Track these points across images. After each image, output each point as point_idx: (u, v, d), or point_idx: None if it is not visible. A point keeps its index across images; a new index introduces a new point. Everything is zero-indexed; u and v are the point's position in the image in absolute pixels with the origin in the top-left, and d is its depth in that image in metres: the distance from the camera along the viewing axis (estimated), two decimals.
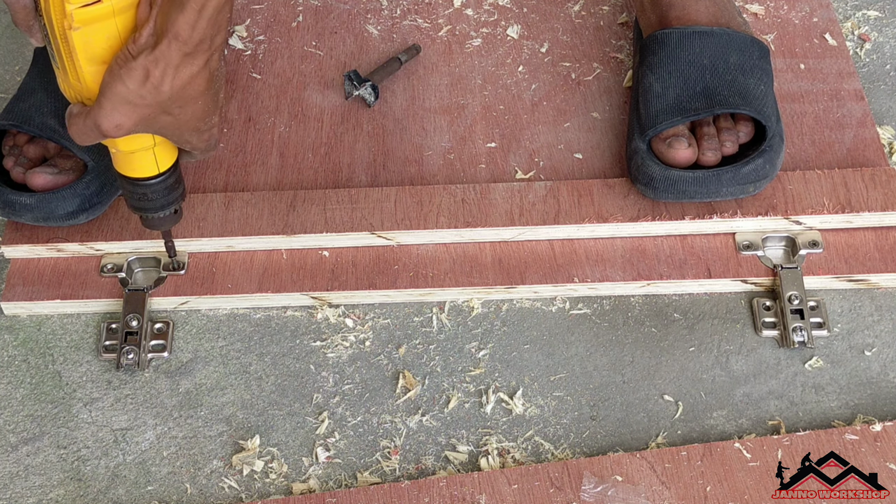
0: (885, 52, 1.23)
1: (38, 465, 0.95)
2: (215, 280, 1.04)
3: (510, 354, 1.00)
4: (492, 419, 0.96)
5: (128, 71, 0.81)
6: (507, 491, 0.90)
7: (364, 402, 0.98)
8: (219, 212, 1.06)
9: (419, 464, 0.94)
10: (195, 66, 0.82)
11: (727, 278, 1.03)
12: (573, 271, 1.03)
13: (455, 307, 1.03)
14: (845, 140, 1.12)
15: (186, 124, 0.87)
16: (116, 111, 0.83)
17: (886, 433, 0.92)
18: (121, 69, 0.81)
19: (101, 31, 0.82)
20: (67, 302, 1.03)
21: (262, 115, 1.17)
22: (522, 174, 1.11)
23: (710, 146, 1.02)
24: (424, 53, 1.22)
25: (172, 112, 0.84)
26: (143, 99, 0.82)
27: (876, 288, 1.03)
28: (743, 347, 1.00)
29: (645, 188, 1.03)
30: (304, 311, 1.04)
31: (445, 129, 1.15)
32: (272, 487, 0.93)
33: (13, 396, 0.99)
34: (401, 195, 1.06)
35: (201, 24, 0.80)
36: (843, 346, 1.00)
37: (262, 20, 1.26)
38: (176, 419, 0.97)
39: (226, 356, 1.01)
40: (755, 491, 0.89)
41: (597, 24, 1.25)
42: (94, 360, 1.01)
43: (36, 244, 1.04)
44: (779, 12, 1.24)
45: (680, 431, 0.95)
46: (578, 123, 1.15)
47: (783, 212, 1.03)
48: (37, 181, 1.01)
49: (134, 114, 0.83)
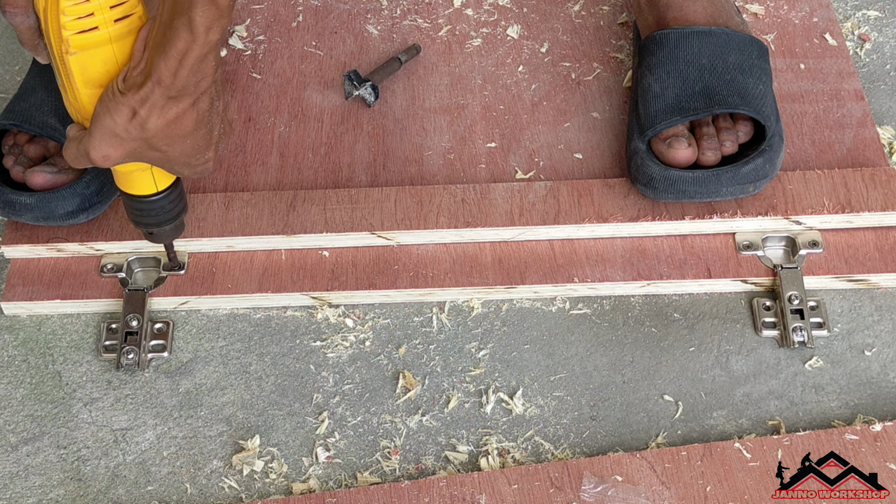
0: (885, 52, 1.23)
1: (38, 465, 0.95)
2: (215, 280, 1.04)
3: (510, 354, 1.00)
4: (492, 419, 0.96)
5: (115, 106, 0.83)
6: (507, 491, 0.90)
7: (364, 402, 0.98)
8: (219, 212, 1.06)
9: (419, 464, 0.94)
10: (181, 108, 0.83)
11: (727, 278, 1.03)
12: (573, 271, 1.03)
13: (455, 307, 1.03)
14: (845, 140, 1.12)
15: (176, 160, 0.88)
16: (104, 142, 0.84)
17: (886, 433, 0.92)
18: (109, 103, 0.83)
19: (97, 56, 0.82)
20: (67, 302, 1.03)
21: (262, 115, 1.17)
22: (522, 174, 1.11)
23: (709, 146, 1.02)
24: (424, 53, 1.22)
25: (160, 149, 0.86)
26: (130, 134, 0.84)
27: (876, 288, 1.03)
28: (743, 347, 1.00)
29: (645, 188, 1.03)
30: (304, 311, 1.04)
31: (445, 129, 1.15)
32: (272, 487, 0.93)
33: (13, 396, 0.99)
34: (401, 195, 1.06)
35: (183, 72, 0.81)
36: (843, 346, 1.00)
37: (262, 20, 1.26)
38: (176, 419, 0.97)
39: (226, 356, 1.01)
40: (755, 491, 0.89)
41: (597, 24, 1.25)
42: (94, 361, 1.01)
43: (36, 244, 1.04)
44: (779, 12, 1.24)
45: (680, 431, 0.95)
46: (578, 123, 1.15)
47: (783, 212, 1.03)
48: (36, 180, 1.01)
49: (121, 147, 0.85)
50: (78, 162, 0.87)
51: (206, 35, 0.79)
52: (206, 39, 0.80)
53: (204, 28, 0.79)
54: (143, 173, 0.91)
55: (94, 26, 0.81)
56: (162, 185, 0.92)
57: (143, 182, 0.91)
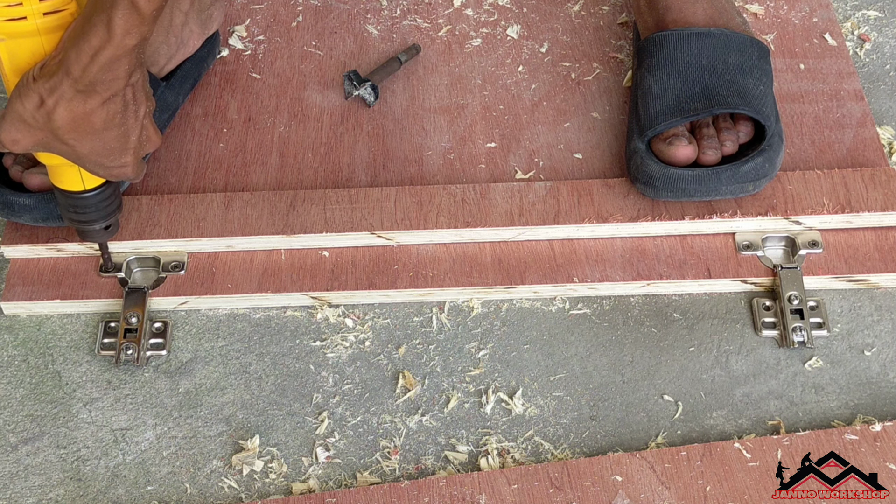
0: (885, 52, 1.23)
1: (38, 465, 0.95)
2: (215, 280, 1.04)
3: (510, 354, 1.00)
4: (491, 419, 0.96)
5: (26, 92, 0.84)
6: (507, 491, 0.90)
7: (364, 402, 0.98)
8: (219, 212, 1.06)
9: (419, 464, 0.94)
10: (90, 105, 0.84)
11: (727, 278, 1.03)
12: (573, 271, 1.03)
13: (455, 307, 1.03)
14: (845, 140, 1.12)
15: (87, 157, 0.88)
16: (14, 127, 0.86)
17: (886, 433, 0.92)
18: (22, 88, 0.84)
19: (25, 46, 0.84)
20: (67, 302, 1.03)
21: (262, 115, 1.17)
22: (522, 174, 1.11)
23: (709, 146, 1.02)
24: (424, 53, 1.22)
25: (67, 142, 0.86)
26: (37, 122, 0.85)
27: (876, 288, 1.03)
28: (743, 347, 1.00)
29: (644, 187, 1.03)
30: (304, 311, 1.04)
31: (445, 129, 1.15)
32: (272, 487, 0.93)
33: (13, 396, 0.99)
34: (401, 195, 1.06)
35: (93, 68, 0.81)
36: (843, 346, 1.00)
37: (262, 20, 1.26)
38: (176, 419, 0.97)
39: (226, 356, 1.01)
40: (755, 491, 0.89)
41: (597, 24, 1.25)
42: (93, 360, 1.01)
43: (36, 244, 1.04)
44: (779, 12, 1.24)
45: (680, 431, 0.95)
46: (578, 123, 1.15)
47: (783, 212, 1.03)
48: (33, 181, 1.01)
49: (29, 134, 0.86)
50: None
51: (122, 37, 0.80)
52: (121, 42, 0.80)
53: (121, 31, 0.79)
54: (71, 169, 0.92)
55: (22, 16, 0.83)
56: (90, 184, 0.94)
57: (71, 178, 0.93)
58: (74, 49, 0.81)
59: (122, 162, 0.90)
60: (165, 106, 1.11)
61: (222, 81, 1.20)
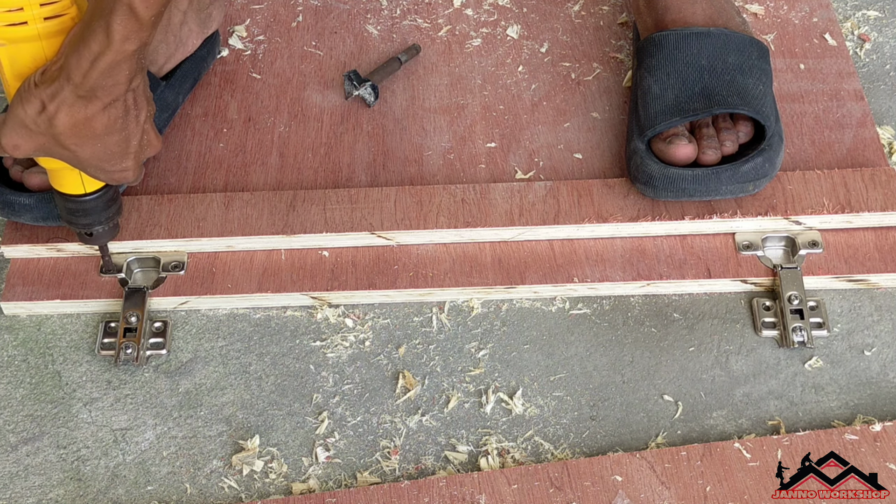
0: (885, 52, 1.23)
1: (38, 465, 0.95)
2: (215, 280, 1.04)
3: (510, 354, 1.00)
4: (491, 419, 0.96)
5: (28, 97, 0.84)
6: (507, 491, 0.90)
7: (364, 402, 0.98)
8: (219, 212, 1.06)
9: (419, 464, 0.94)
10: (91, 110, 0.84)
11: (727, 278, 1.03)
12: (573, 271, 1.03)
13: (455, 307, 1.03)
14: (845, 140, 1.12)
15: (88, 162, 0.88)
16: (14, 132, 0.86)
17: (886, 433, 0.92)
18: (23, 94, 0.84)
19: (26, 51, 0.84)
20: (67, 302, 1.03)
21: (262, 115, 1.17)
22: (522, 174, 1.11)
23: (709, 145, 1.02)
24: (424, 53, 1.22)
25: (69, 147, 0.87)
26: (39, 127, 0.85)
27: (876, 288, 1.03)
28: (743, 347, 1.00)
29: (644, 187, 1.03)
30: (304, 311, 1.04)
31: (445, 129, 1.15)
32: (272, 487, 0.93)
33: (13, 396, 0.99)
34: (401, 195, 1.06)
35: (93, 74, 0.82)
36: (843, 346, 1.00)
37: (262, 20, 1.26)
38: (176, 419, 0.97)
39: (225, 356, 1.01)
40: (755, 491, 0.89)
41: (597, 24, 1.25)
42: (93, 360, 1.01)
43: (36, 244, 1.04)
44: (779, 12, 1.24)
45: (680, 431, 0.95)
46: (578, 123, 1.15)
47: (783, 212, 1.03)
48: (33, 181, 1.01)
49: (31, 139, 0.86)
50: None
51: (121, 43, 0.80)
52: (121, 47, 0.80)
53: (120, 36, 0.80)
54: (71, 172, 0.92)
55: (22, 21, 0.83)
56: (90, 188, 0.94)
57: (72, 181, 0.93)
58: (75, 55, 0.81)
59: (123, 166, 0.90)
60: (165, 105, 1.11)
61: (222, 81, 1.20)
